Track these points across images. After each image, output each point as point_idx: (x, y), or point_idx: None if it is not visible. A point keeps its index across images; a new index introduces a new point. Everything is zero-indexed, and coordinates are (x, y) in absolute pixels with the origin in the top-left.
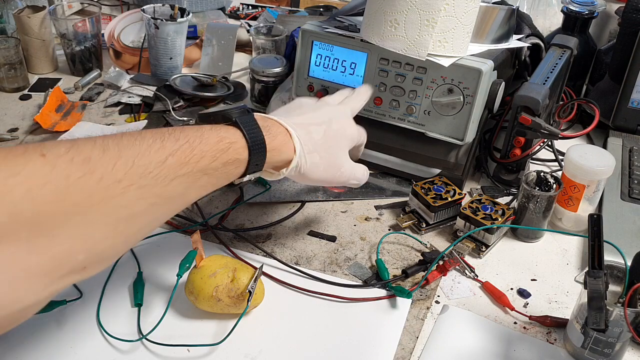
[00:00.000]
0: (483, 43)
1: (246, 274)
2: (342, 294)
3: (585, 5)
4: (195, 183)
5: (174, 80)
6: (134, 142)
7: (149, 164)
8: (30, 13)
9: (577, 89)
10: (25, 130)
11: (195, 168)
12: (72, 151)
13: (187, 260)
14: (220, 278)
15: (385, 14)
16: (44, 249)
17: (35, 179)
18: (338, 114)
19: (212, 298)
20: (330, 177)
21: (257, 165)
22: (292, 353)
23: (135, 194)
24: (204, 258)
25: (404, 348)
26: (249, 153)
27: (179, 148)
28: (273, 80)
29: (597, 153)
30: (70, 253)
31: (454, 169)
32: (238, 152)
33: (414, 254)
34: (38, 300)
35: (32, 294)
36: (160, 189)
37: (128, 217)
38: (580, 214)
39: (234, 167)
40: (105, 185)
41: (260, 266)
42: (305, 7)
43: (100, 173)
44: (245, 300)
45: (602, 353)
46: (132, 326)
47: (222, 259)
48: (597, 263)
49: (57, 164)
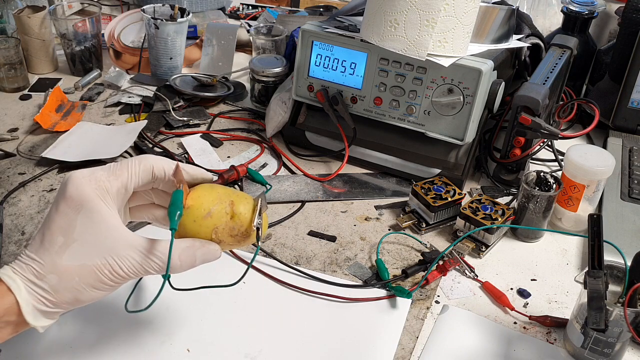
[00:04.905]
0: (483, 43)
1: (246, 205)
2: (342, 294)
3: (585, 5)
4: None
5: (174, 80)
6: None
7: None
8: (30, 13)
9: (577, 89)
10: (25, 130)
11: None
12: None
13: (176, 206)
14: (217, 217)
15: (385, 14)
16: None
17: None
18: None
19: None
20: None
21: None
22: (292, 353)
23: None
24: (189, 193)
25: (404, 348)
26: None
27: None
28: (273, 80)
29: (597, 153)
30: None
31: (454, 169)
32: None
33: (414, 254)
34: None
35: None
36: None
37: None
38: (580, 214)
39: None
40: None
41: (262, 194)
42: (305, 7)
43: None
44: (253, 237)
45: (602, 353)
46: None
47: (212, 191)
48: (597, 263)
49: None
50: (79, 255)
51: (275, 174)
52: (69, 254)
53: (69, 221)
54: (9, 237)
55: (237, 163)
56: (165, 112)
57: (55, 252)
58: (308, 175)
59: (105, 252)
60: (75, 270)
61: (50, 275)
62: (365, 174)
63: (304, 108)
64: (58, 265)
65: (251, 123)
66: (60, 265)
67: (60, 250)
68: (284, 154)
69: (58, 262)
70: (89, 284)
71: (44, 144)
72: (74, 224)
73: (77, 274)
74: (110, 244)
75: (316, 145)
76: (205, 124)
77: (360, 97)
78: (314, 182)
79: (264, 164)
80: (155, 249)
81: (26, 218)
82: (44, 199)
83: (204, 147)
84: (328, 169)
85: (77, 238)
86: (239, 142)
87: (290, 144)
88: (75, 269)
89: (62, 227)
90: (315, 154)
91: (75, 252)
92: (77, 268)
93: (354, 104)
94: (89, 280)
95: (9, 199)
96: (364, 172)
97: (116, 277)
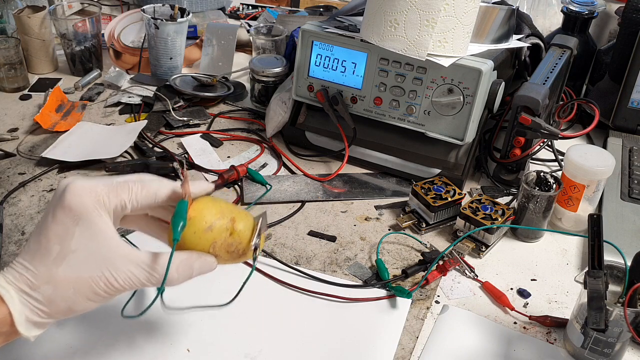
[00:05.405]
0: (483, 43)
1: (246, 223)
2: (342, 294)
3: (585, 5)
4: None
5: (174, 80)
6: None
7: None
8: (30, 13)
9: (577, 89)
10: (25, 130)
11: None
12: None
13: (180, 216)
14: (217, 231)
15: (385, 14)
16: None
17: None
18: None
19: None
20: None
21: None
22: (292, 353)
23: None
24: (192, 204)
25: (404, 348)
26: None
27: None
28: (273, 80)
29: (597, 153)
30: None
31: (454, 169)
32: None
33: (414, 254)
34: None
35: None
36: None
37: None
38: (580, 214)
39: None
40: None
41: (263, 214)
42: (305, 7)
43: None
44: (249, 255)
45: (602, 353)
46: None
47: (215, 205)
48: (597, 263)
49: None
50: (76, 266)
51: (275, 174)
52: (65, 264)
53: (66, 231)
54: (9, 237)
55: (237, 163)
56: (165, 112)
57: (51, 262)
58: (308, 175)
59: (102, 264)
60: (72, 281)
61: (45, 285)
62: (365, 174)
63: (304, 108)
64: (54, 276)
65: (251, 123)
66: (56, 276)
67: (56, 261)
68: (284, 154)
69: (54, 272)
70: (84, 295)
71: (44, 144)
72: (71, 234)
73: (73, 285)
74: (108, 257)
75: (316, 145)
76: (205, 124)
77: (360, 97)
78: (314, 182)
79: (264, 164)
80: (154, 262)
81: (26, 218)
82: (44, 199)
83: (204, 147)
84: (328, 169)
85: (74, 249)
86: (239, 142)
87: (290, 144)
88: (72, 280)
89: (59, 236)
90: (315, 154)
91: (72, 263)
92: (74, 279)
93: (354, 104)
94: (84, 291)
95: (9, 199)
96: (364, 172)
97: (112, 289)
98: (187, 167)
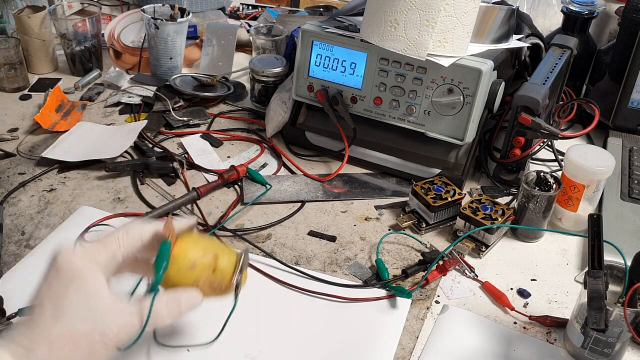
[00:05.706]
0: (483, 43)
1: (229, 260)
2: (342, 294)
3: (585, 5)
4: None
5: (174, 80)
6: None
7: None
8: (30, 13)
9: (577, 89)
10: (25, 130)
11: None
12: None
13: (163, 256)
14: (200, 269)
15: (385, 14)
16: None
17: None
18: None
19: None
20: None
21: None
22: (292, 353)
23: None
24: (176, 242)
25: (404, 348)
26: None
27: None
28: (273, 80)
29: (597, 153)
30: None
31: (454, 169)
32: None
33: (414, 254)
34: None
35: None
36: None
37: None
38: (580, 214)
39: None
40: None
41: (245, 252)
42: (305, 7)
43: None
44: (231, 291)
45: (602, 353)
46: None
47: (198, 243)
48: (597, 263)
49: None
50: (70, 324)
51: (275, 174)
52: (60, 324)
53: (59, 293)
54: (9, 237)
55: (237, 163)
56: (165, 112)
57: (44, 323)
58: (308, 175)
59: (95, 319)
60: (66, 340)
61: (41, 346)
62: (365, 174)
63: (304, 108)
64: (49, 335)
65: (251, 123)
66: (51, 335)
67: (50, 321)
68: (284, 154)
69: (49, 332)
70: (82, 352)
71: (44, 144)
72: (64, 296)
73: (68, 342)
74: (100, 312)
75: (316, 145)
76: (205, 124)
77: (360, 97)
78: (314, 182)
79: (264, 164)
80: (142, 307)
81: (26, 218)
82: (44, 199)
83: (204, 147)
84: (328, 169)
85: (66, 310)
86: (239, 142)
87: (290, 144)
88: (67, 337)
89: (52, 299)
90: (315, 154)
91: (66, 322)
92: (69, 336)
93: (354, 104)
94: (80, 347)
95: (9, 199)
96: (364, 172)
97: (107, 341)
98: (187, 167)
